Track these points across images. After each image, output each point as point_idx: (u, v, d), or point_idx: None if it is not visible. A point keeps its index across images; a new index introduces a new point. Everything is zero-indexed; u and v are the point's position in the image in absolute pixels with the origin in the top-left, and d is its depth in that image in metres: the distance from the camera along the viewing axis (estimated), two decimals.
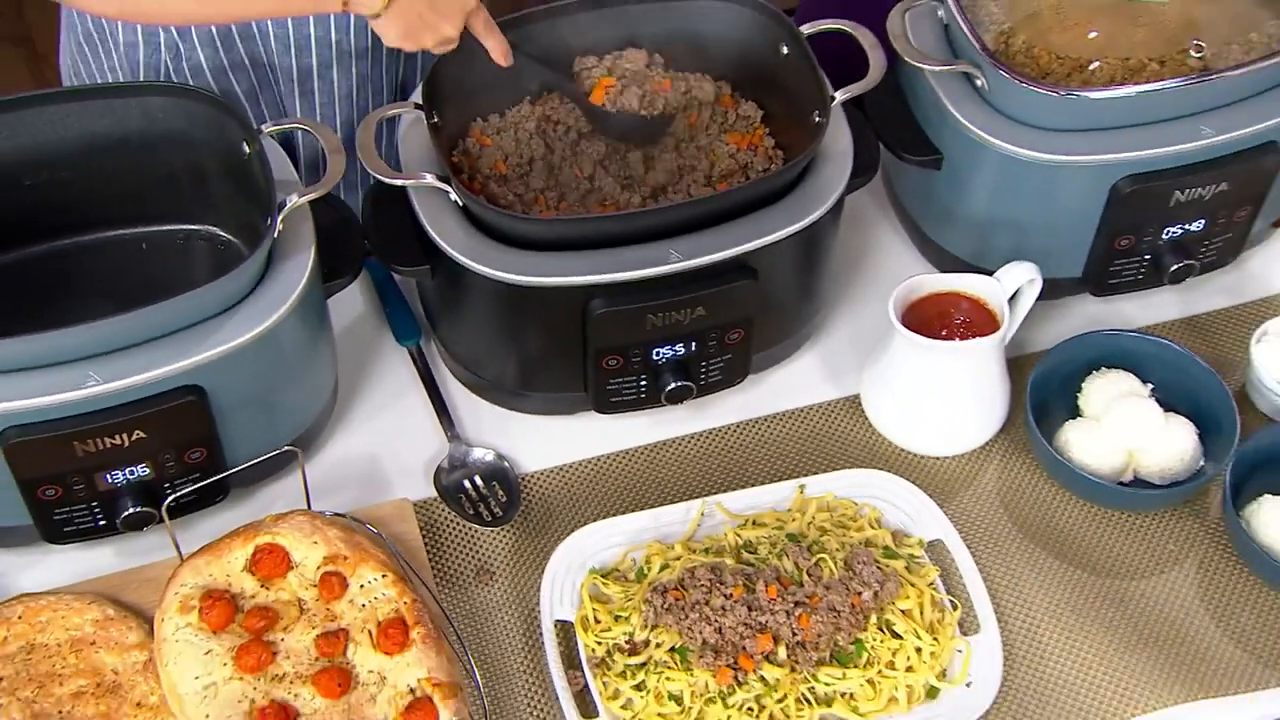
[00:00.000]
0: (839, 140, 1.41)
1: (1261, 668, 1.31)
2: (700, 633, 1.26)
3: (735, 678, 1.25)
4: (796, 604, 1.28)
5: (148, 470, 1.28)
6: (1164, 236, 1.47)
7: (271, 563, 1.25)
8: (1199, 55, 1.43)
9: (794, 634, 1.26)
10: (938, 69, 1.43)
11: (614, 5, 1.46)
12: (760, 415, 1.49)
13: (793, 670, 1.26)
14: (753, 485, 1.41)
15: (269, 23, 1.50)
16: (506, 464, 1.43)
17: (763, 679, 1.25)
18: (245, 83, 1.54)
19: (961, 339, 1.39)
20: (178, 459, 1.29)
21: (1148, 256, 1.49)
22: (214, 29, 1.49)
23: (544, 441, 1.46)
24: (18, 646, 1.23)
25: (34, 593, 1.28)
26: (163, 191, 1.43)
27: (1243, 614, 1.35)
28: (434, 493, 1.41)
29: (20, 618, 1.25)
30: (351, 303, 1.57)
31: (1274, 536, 1.34)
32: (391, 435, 1.47)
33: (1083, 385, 1.46)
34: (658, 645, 1.27)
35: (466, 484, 1.42)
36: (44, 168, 1.39)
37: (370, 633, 1.22)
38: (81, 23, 1.54)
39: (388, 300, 1.56)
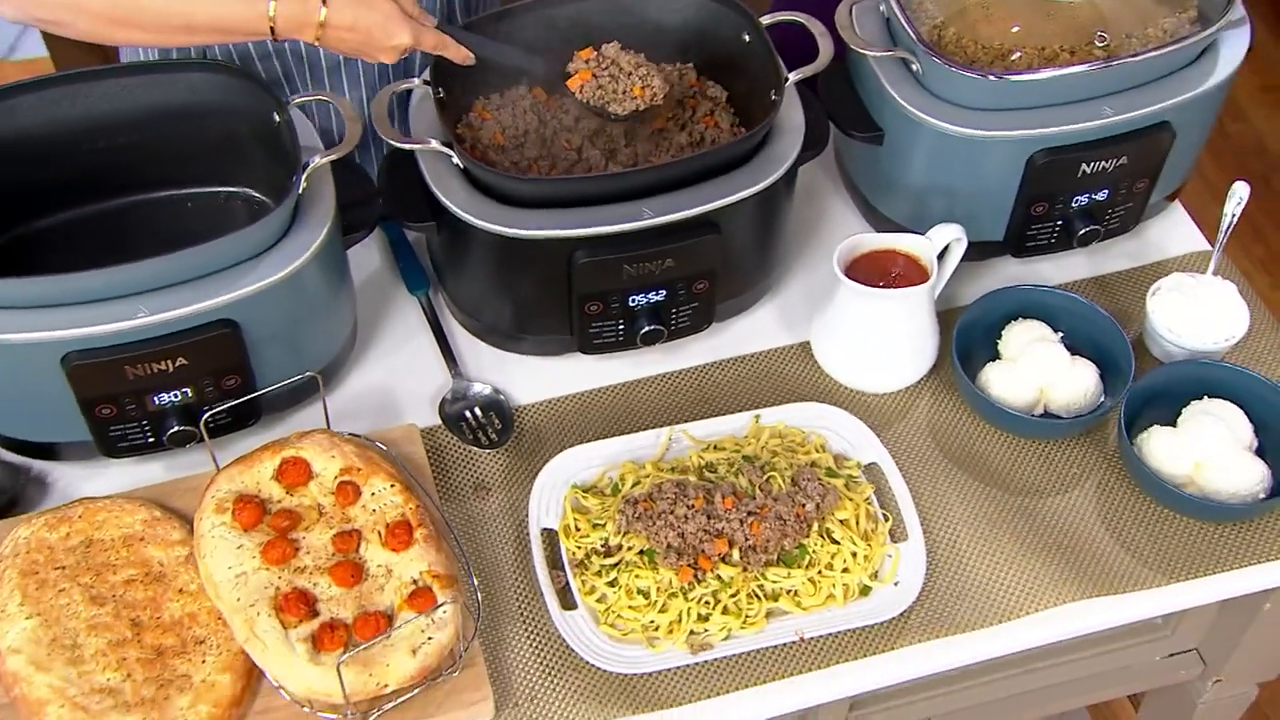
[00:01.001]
0: (793, 117, 1.44)
1: (1148, 571, 1.35)
2: (665, 537, 1.29)
3: (695, 575, 1.29)
4: (749, 514, 1.31)
5: (189, 393, 1.31)
6: (1073, 204, 1.50)
7: (295, 473, 1.29)
8: (1103, 45, 1.46)
9: (746, 539, 1.30)
10: (878, 55, 1.46)
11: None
12: (723, 358, 1.52)
13: (745, 570, 1.29)
14: (715, 416, 1.44)
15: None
16: (502, 397, 1.47)
17: (719, 577, 1.29)
18: (273, 71, 1.56)
19: (897, 289, 1.43)
20: (215, 384, 1.32)
21: (1059, 222, 1.52)
22: None
23: (535, 378, 1.50)
24: (78, 541, 1.27)
25: (93, 497, 1.32)
26: (205, 157, 1.45)
27: (1133, 527, 1.38)
28: (439, 421, 1.45)
29: (80, 517, 1.28)
30: (370, 259, 1.60)
31: (1161, 460, 1.38)
32: (403, 372, 1.50)
33: (1002, 333, 1.49)
34: (629, 548, 1.31)
35: (467, 414, 1.46)
36: (105, 134, 1.42)
37: (379, 533, 1.26)
38: None
39: (401, 256, 1.59)
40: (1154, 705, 1.78)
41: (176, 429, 1.33)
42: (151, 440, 1.34)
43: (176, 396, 1.31)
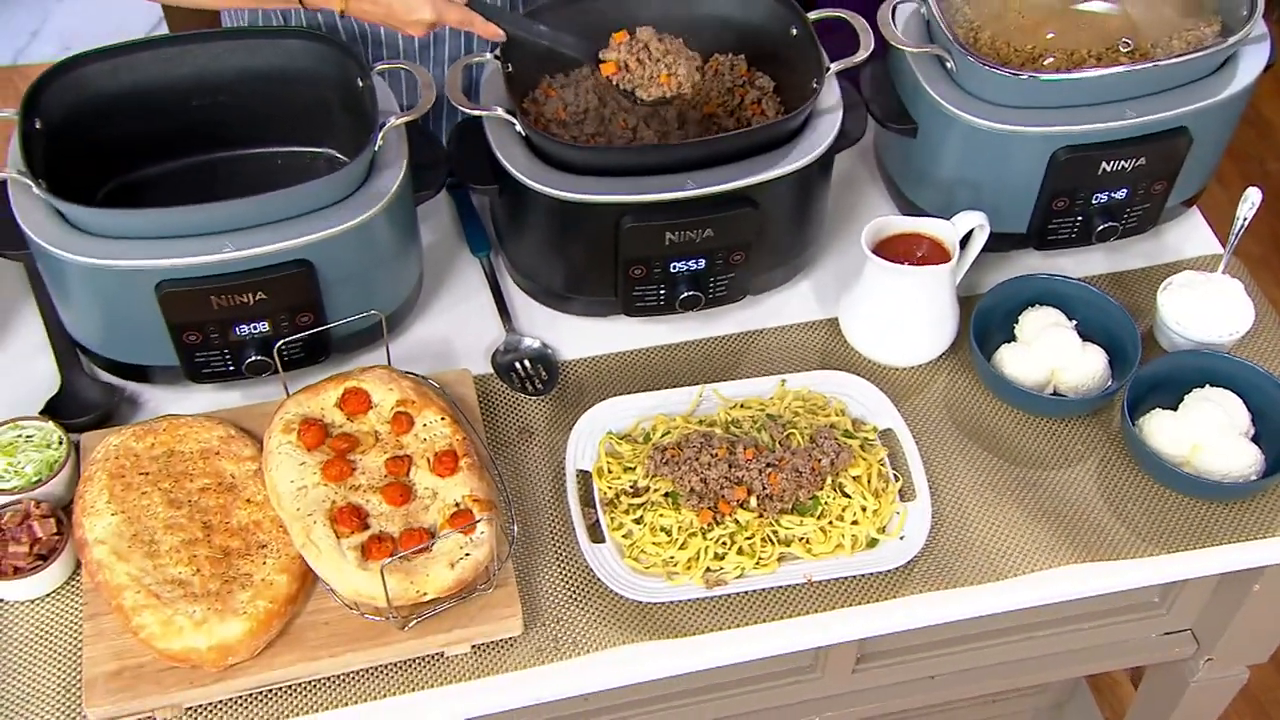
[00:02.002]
0: (833, 107, 1.49)
1: (1142, 542, 1.38)
2: (689, 482, 1.34)
3: (714, 518, 1.33)
4: (768, 465, 1.36)
5: (267, 327, 1.39)
6: (1094, 201, 1.53)
7: (356, 402, 1.35)
8: (1127, 50, 1.50)
9: (764, 488, 1.35)
10: (915, 50, 1.51)
11: None
12: (756, 329, 1.57)
13: (760, 516, 1.34)
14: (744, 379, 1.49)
15: None
16: (550, 351, 1.53)
17: (736, 521, 1.34)
18: (362, 50, 1.62)
19: (919, 266, 1.46)
20: (291, 320, 1.39)
21: (1080, 217, 1.55)
22: None
23: (581, 337, 1.55)
24: (161, 451, 1.34)
25: (177, 414, 1.40)
26: (295, 118, 1.53)
27: (1130, 502, 1.41)
28: (490, 370, 1.51)
29: (164, 430, 1.36)
30: (439, 223, 1.67)
31: (1160, 441, 1.41)
32: (462, 325, 1.56)
33: (1019, 318, 1.53)
34: (655, 490, 1.36)
35: (517, 364, 1.52)
36: (207, 92, 1.50)
37: (428, 459, 1.32)
38: None
39: (466, 221, 1.65)
40: (1151, 683, 1.79)
41: (254, 358, 1.40)
42: (231, 368, 1.42)
43: (255, 328, 1.38)
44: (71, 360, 1.48)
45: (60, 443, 1.37)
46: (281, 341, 1.38)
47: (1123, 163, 1.49)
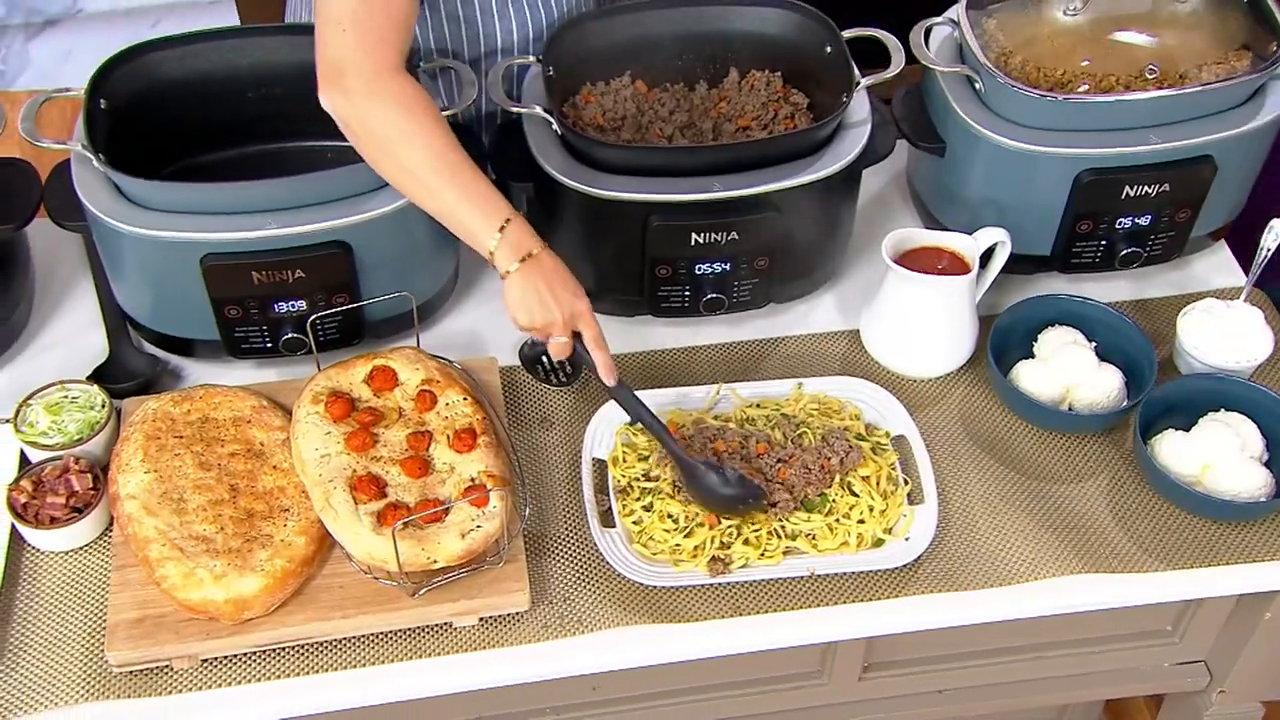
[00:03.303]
0: (861, 121, 1.53)
1: (1149, 558, 1.38)
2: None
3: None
4: (779, 460, 1.39)
5: (304, 305, 1.44)
6: (1117, 225, 1.55)
7: (383, 378, 1.40)
8: (1153, 76, 1.52)
9: (773, 480, 1.37)
10: (943, 70, 1.54)
11: (695, 5, 1.59)
12: (779, 336, 1.60)
13: (769, 509, 1.36)
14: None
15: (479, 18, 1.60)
16: (575, 346, 1.56)
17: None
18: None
19: (938, 275, 1.49)
20: (327, 300, 1.44)
21: (1104, 241, 1.57)
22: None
23: (608, 335, 1.53)
24: (197, 417, 1.40)
25: (214, 384, 1.45)
26: None
27: (1139, 519, 1.41)
28: (517, 363, 1.55)
29: (200, 397, 1.41)
30: None
31: (1171, 460, 1.41)
32: (493, 320, 1.60)
33: (1039, 337, 1.54)
34: (665, 479, 1.39)
35: (543, 358, 1.55)
36: (263, 84, 1.56)
37: (448, 436, 1.36)
38: None
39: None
40: (1168, 715, 1.77)
41: (290, 335, 1.46)
42: (269, 345, 1.47)
43: (293, 306, 1.44)
44: (120, 333, 1.55)
45: (103, 405, 1.43)
46: (316, 318, 1.43)
47: (1146, 188, 1.51)
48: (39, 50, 3.26)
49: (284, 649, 1.29)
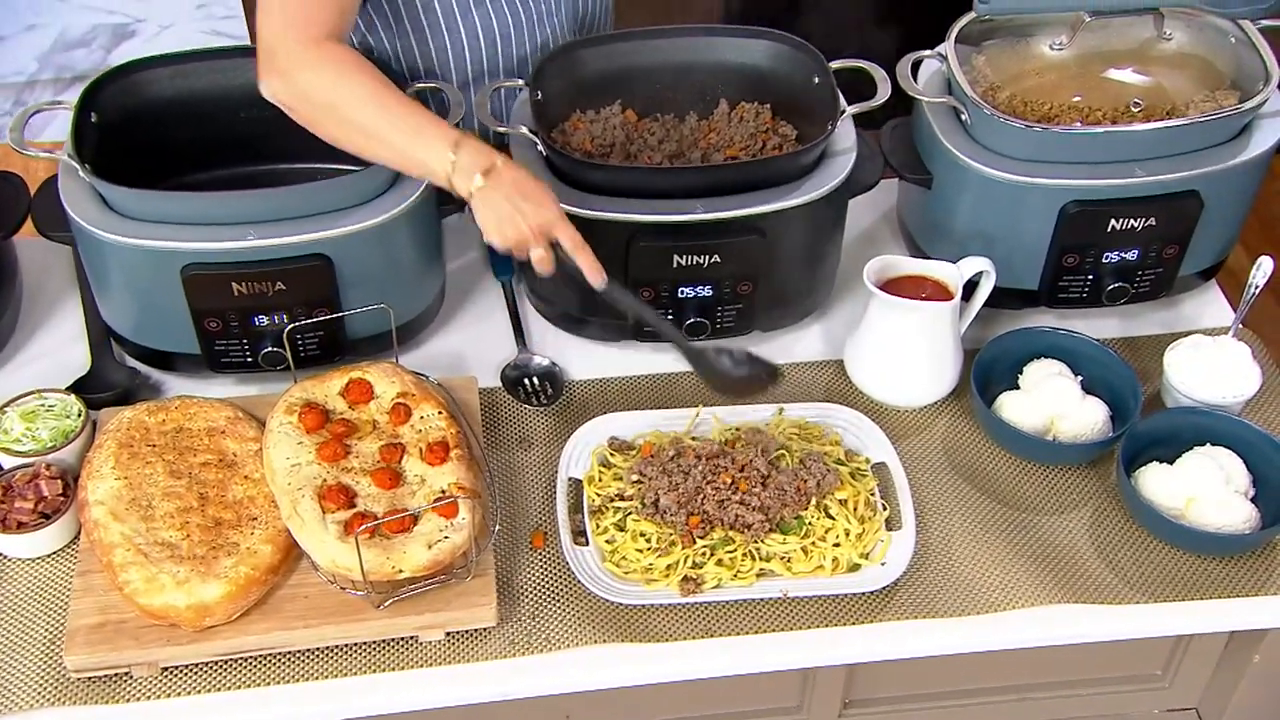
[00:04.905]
0: (846, 150, 1.52)
1: (1131, 590, 1.35)
2: (675, 490, 1.35)
3: (701, 527, 1.34)
4: (754, 483, 1.36)
5: (285, 318, 1.43)
6: (1104, 259, 1.54)
7: (359, 391, 1.39)
8: (1138, 110, 1.52)
9: (746, 501, 1.35)
10: (929, 101, 1.54)
11: (685, 36, 1.60)
12: None
13: (744, 531, 1.34)
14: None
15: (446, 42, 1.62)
16: (558, 368, 1.56)
17: (721, 533, 1.34)
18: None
19: (920, 301, 1.47)
20: (307, 314, 1.44)
21: (1090, 276, 1.55)
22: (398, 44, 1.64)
23: (592, 360, 1.58)
24: (171, 427, 1.39)
25: (191, 395, 1.45)
26: None
27: (1121, 551, 1.39)
28: (499, 384, 1.54)
29: (176, 408, 1.41)
30: (469, 248, 1.72)
31: (1155, 493, 1.39)
32: (477, 342, 1.60)
33: (1024, 369, 1.52)
34: (638, 497, 1.37)
35: (525, 380, 1.55)
36: (255, 104, 1.55)
37: (421, 449, 1.35)
38: None
39: (493, 248, 1.70)
40: None
41: (270, 349, 1.45)
42: (249, 360, 1.47)
43: (274, 319, 1.43)
44: (103, 345, 1.54)
45: (78, 415, 1.42)
46: (296, 332, 1.42)
47: (1132, 221, 1.50)
48: None
49: (245, 659, 1.27)
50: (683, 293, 1.49)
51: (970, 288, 1.52)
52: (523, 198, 1.27)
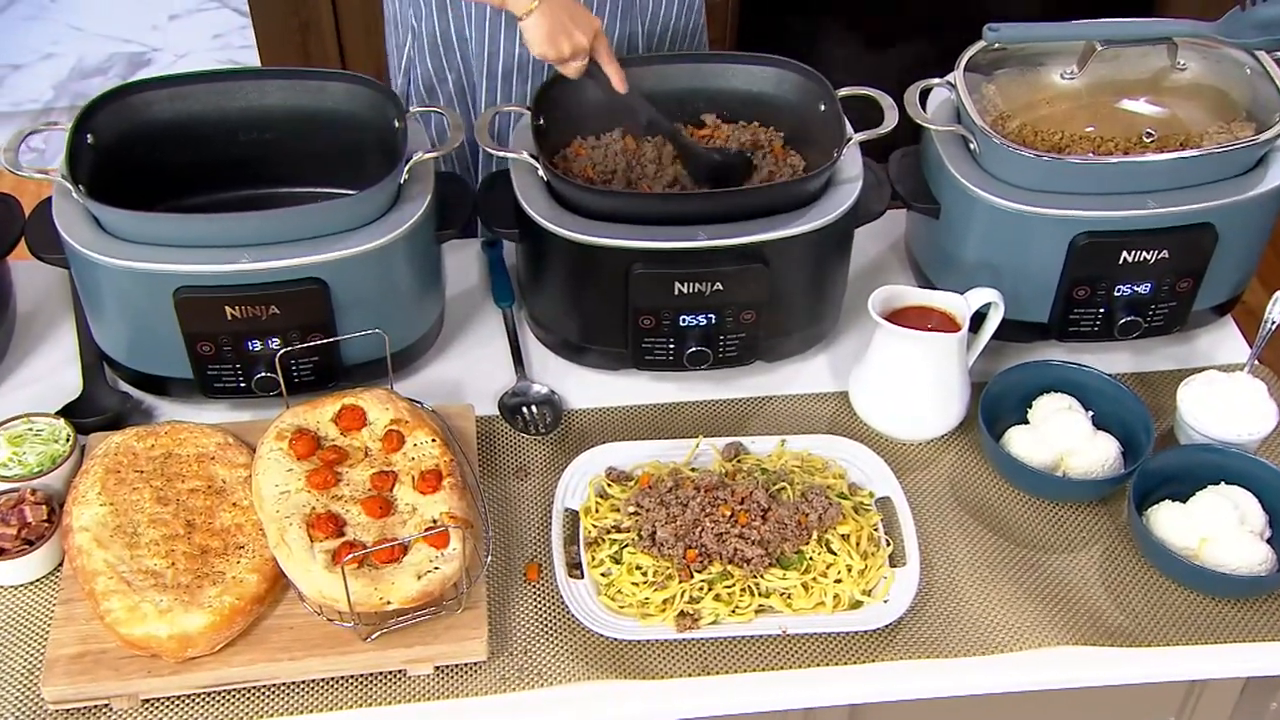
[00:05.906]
0: (853, 178, 1.49)
1: (1142, 632, 1.31)
2: (672, 522, 1.32)
3: (701, 560, 1.30)
4: (755, 516, 1.33)
5: (278, 343, 1.41)
6: (1116, 292, 1.50)
7: (351, 418, 1.36)
8: (1150, 140, 1.48)
9: (746, 535, 1.31)
10: (938, 129, 1.51)
11: (690, 62, 1.58)
12: (766, 395, 1.55)
13: (743, 565, 1.30)
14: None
15: (471, 39, 1.68)
16: (557, 397, 1.53)
17: (720, 568, 1.30)
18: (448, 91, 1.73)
19: (926, 332, 1.44)
20: (302, 338, 1.41)
21: (1102, 309, 1.52)
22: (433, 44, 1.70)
23: (591, 389, 1.55)
24: (160, 452, 1.36)
25: (181, 420, 1.42)
26: (335, 159, 1.57)
27: (1133, 592, 1.34)
28: (496, 412, 1.51)
29: (166, 433, 1.38)
30: (469, 275, 1.70)
31: (1167, 532, 1.35)
32: (475, 369, 1.57)
33: (1033, 403, 1.49)
34: (635, 529, 1.33)
35: (524, 408, 1.52)
36: (254, 127, 1.56)
37: (413, 477, 1.31)
38: None
39: (495, 275, 1.68)
40: None
41: (264, 374, 1.42)
42: (242, 385, 1.44)
43: (267, 345, 1.41)
44: (95, 370, 1.52)
45: (67, 439, 1.39)
46: (289, 356, 1.40)
47: (1144, 254, 1.46)
48: None
49: (228, 692, 1.24)
50: (684, 321, 1.46)
51: (978, 319, 1.49)
52: (570, 16, 1.41)
